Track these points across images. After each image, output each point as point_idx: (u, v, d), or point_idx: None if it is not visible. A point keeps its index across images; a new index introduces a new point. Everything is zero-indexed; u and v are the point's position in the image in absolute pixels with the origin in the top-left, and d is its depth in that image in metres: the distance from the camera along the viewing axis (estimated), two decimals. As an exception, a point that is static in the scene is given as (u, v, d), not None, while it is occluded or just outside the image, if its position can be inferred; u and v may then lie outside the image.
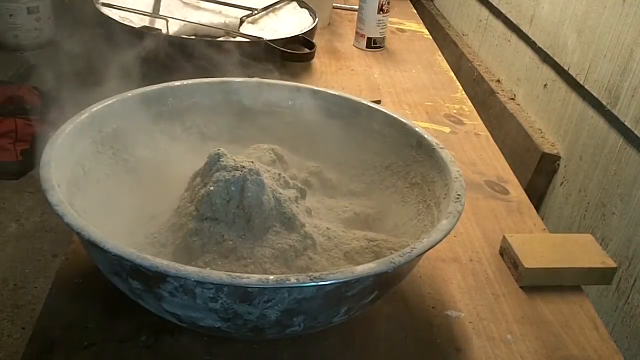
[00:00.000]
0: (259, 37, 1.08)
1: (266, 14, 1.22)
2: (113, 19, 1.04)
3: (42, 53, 2.59)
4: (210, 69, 0.88)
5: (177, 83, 0.73)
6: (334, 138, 0.75)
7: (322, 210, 0.67)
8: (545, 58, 1.18)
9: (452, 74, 1.23)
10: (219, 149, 0.59)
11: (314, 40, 1.13)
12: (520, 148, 1.17)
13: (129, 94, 0.68)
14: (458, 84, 1.19)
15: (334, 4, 1.52)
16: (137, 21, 1.09)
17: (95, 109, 0.64)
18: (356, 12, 1.31)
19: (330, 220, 0.65)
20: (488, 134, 1.01)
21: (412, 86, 1.15)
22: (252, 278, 0.44)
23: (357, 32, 1.30)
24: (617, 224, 0.93)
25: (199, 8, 1.21)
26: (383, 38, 1.29)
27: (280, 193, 0.59)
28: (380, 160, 0.72)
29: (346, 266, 0.58)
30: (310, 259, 0.58)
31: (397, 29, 1.44)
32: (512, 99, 1.30)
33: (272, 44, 1.03)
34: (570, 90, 1.09)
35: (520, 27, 1.27)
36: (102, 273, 0.53)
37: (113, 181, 0.64)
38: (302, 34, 1.11)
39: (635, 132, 0.88)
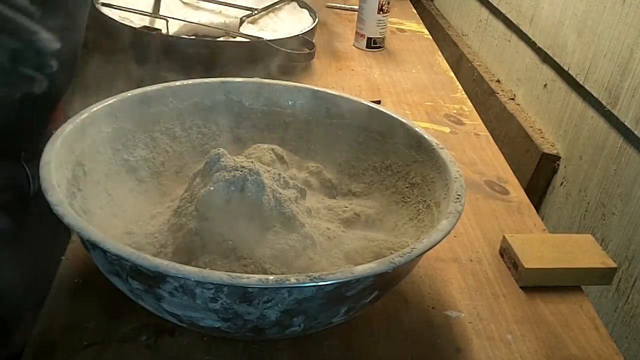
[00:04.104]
0: (259, 37, 1.08)
1: (266, 14, 1.22)
2: (113, 19, 1.04)
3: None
4: (210, 69, 0.88)
5: (177, 83, 0.73)
6: (334, 138, 0.75)
7: (322, 210, 0.67)
8: (545, 58, 1.18)
9: (452, 74, 1.23)
10: (219, 149, 0.59)
11: (314, 40, 1.13)
12: (520, 148, 1.17)
13: (129, 94, 0.68)
14: (458, 84, 1.19)
15: (329, 4, 1.52)
16: (137, 21, 1.09)
17: (95, 109, 0.64)
18: (356, 12, 1.31)
19: (330, 220, 0.65)
20: (488, 134, 1.01)
21: (412, 86, 1.15)
22: (252, 278, 0.44)
23: (357, 32, 1.30)
24: (617, 224, 0.93)
25: (199, 8, 1.21)
26: (383, 38, 1.29)
27: (280, 193, 0.59)
28: (380, 160, 0.72)
29: (346, 266, 0.58)
30: (310, 259, 0.58)
31: (397, 29, 1.44)
32: (512, 99, 1.30)
33: (272, 44, 1.03)
34: (570, 91, 1.09)
35: (520, 27, 1.27)
36: (102, 273, 0.53)
37: (113, 181, 0.64)
38: (302, 34, 1.11)
39: (635, 132, 0.88)
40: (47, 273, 0.60)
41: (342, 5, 1.54)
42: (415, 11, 1.60)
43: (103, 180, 0.63)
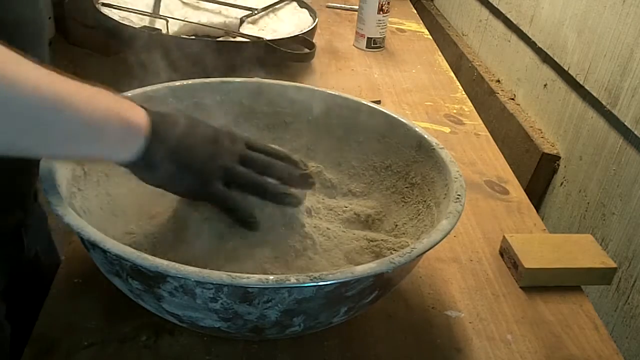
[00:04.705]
0: (259, 37, 1.07)
1: (266, 14, 1.22)
2: (113, 19, 1.04)
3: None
4: (210, 69, 0.88)
5: (177, 83, 0.73)
6: (334, 138, 0.75)
7: (322, 210, 0.67)
8: (545, 58, 1.18)
9: (452, 74, 1.23)
10: None
11: (314, 40, 1.13)
12: (520, 148, 1.17)
13: (129, 94, 0.68)
14: (458, 84, 1.19)
15: (329, 4, 1.52)
16: (137, 21, 1.09)
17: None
18: (356, 12, 1.31)
19: (330, 220, 0.65)
20: (488, 134, 1.01)
21: (412, 86, 1.15)
22: (252, 278, 0.44)
23: (357, 32, 1.30)
24: (617, 224, 0.93)
25: (199, 8, 1.21)
26: (383, 38, 1.29)
27: (281, 193, 0.59)
28: (380, 160, 0.72)
29: (346, 266, 0.58)
30: (310, 259, 0.58)
31: (397, 29, 1.44)
32: (512, 99, 1.30)
33: (272, 44, 1.03)
34: (570, 90, 1.09)
35: (520, 27, 1.27)
36: (102, 273, 0.53)
37: (113, 181, 0.64)
38: (302, 34, 1.11)
39: (635, 132, 0.88)
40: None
41: (342, 5, 1.54)
42: (415, 11, 1.60)
43: (103, 180, 0.63)
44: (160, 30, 1.03)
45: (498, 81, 1.38)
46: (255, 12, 1.19)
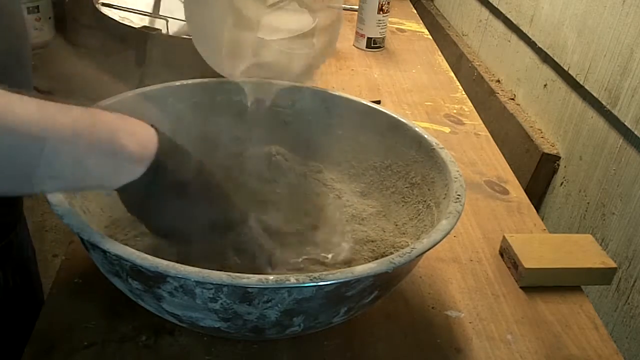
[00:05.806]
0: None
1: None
2: (113, 19, 1.04)
3: (42, 53, 2.59)
4: (211, 69, 0.88)
5: (177, 83, 0.73)
6: (334, 138, 0.75)
7: (322, 210, 0.67)
8: (545, 58, 1.18)
9: (452, 74, 1.23)
10: None
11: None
12: (520, 148, 1.17)
13: (129, 94, 0.68)
14: (458, 84, 1.19)
15: (329, 4, 1.51)
16: (137, 21, 1.09)
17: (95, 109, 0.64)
18: (356, 12, 1.31)
19: (330, 221, 0.65)
20: (488, 134, 1.01)
21: (412, 86, 1.15)
22: (252, 278, 0.44)
23: (357, 32, 1.30)
24: (617, 224, 0.93)
25: (199, 8, 1.20)
26: (383, 38, 1.29)
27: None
28: (380, 160, 0.72)
29: (346, 266, 0.58)
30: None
31: (397, 29, 1.44)
32: (512, 99, 1.30)
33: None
34: (570, 90, 1.09)
35: (520, 27, 1.27)
36: (102, 273, 0.53)
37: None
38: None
39: (635, 132, 0.88)
40: None
41: (342, 5, 1.53)
42: (415, 11, 1.60)
43: (103, 180, 0.63)
44: (160, 30, 1.03)
45: (498, 81, 1.38)
46: (255, 12, 1.19)
